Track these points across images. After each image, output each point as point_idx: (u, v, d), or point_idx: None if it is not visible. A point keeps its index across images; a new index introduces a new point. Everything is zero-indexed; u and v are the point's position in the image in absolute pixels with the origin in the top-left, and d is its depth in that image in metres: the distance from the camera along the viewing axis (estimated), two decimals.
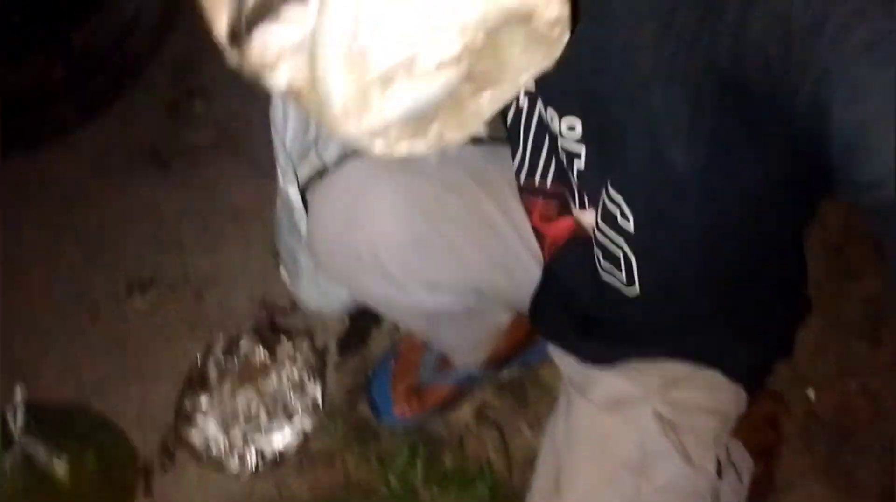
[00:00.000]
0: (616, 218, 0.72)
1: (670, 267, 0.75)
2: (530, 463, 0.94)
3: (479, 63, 0.34)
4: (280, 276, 1.34)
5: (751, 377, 0.87)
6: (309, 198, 0.93)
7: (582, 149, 0.71)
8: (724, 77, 0.55)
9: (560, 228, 0.86)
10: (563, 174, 0.79)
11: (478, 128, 0.39)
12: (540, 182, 0.83)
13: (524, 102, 0.77)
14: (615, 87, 0.62)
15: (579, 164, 0.73)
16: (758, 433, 1.09)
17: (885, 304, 1.28)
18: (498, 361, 1.20)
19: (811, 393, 1.24)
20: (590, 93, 0.65)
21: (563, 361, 0.93)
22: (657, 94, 0.59)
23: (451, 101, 0.35)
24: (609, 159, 0.70)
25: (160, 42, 1.65)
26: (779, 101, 0.52)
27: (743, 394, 0.86)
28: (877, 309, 1.30)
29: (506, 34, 0.35)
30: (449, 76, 0.32)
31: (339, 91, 0.30)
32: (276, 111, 1.14)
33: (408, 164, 0.88)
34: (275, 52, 0.30)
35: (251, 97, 1.10)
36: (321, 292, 1.23)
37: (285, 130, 1.15)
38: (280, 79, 0.31)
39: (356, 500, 1.17)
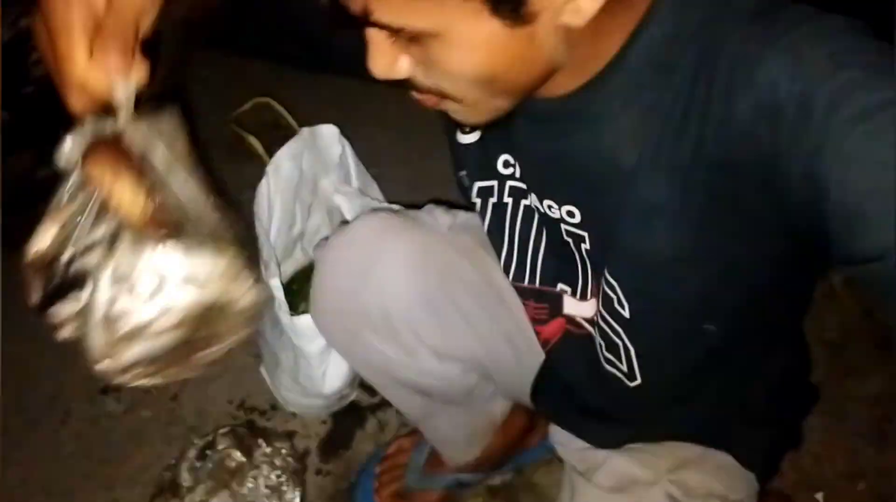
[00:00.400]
0: (613, 305, 0.71)
1: (669, 355, 0.73)
2: None
3: (197, 331, 0.50)
4: (260, 376, 1.29)
5: (761, 464, 0.84)
6: (316, 257, 0.89)
7: (585, 234, 0.71)
8: (713, 162, 0.55)
9: (553, 329, 0.85)
10: (553, 270, 0.79)
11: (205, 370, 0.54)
12: (529, 283, 0.82)
13: (508, 199, 0.78)
14: (602, 179, 0.64)
15: (586, 246, 0.72)
16: None
17: (890, 403, 1.25)
18: (490, 462, 1.14)
19: (820, 498, 1.18)
20: (581, 185, 0.67)
21: (565, 446, 0.90)
22: (642, 184, 0.60)
23: (184, 351, 0.51)
24: (604, 245, 0.70)
25: None
26: (771, 179, 0.52)
27: (754, 483, 0.83)
28: (883, 409, 1.25)
29: (214, 314, 0.50)
30: (173, 337, 0.49)
31: (96, 343, 0.49)
32: (261, 206, 1.13)
33: (421, 223, 0.86)
34: (62, 319, 0.50)
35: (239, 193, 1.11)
36: (303, 391, 1.18)
37: (269, 224, 1.14)
38: (66, 333, 0.50)
39: None
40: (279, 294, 1.05)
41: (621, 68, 0.58)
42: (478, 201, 0.80)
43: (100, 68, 0.47)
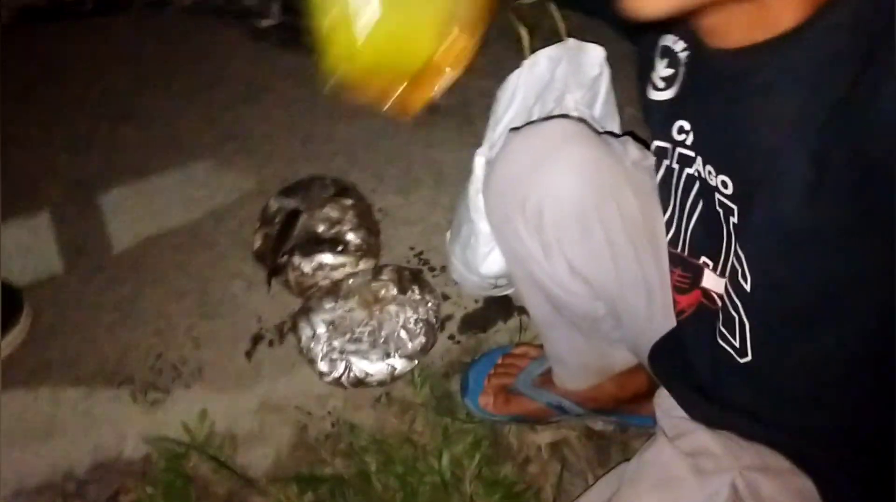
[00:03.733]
0: (737, 277, 0.72)
1: (782, 338, 0.74)
2: None
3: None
4: (443, 238, 1.41)
5: None
6: (505, 138, 0.97)
7: (735, 207, 0.72)
8: (855, 150, 0.57)
9: (690, 300, 0.87)
10: (699, 242, 0.81)
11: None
12: (680, 250, 0.84)
13: (675, 165, 0.80)
14: (758, 150, 0.66)
15: (734, 220, 0.74)
16: None
17: None
18: (596, 403, 1.18)
19: None
20: (739, 154, 0.69)
21: (665, 411, 0.92)
22: (789, 159, 0.62)
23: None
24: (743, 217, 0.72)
25: None
26: None
27: None
28: None
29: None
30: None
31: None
32: (506, 93, 1.21)
33: (608, 146, 0.90)
34: None
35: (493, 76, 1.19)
36: (466, 265, 1.28)
37: (505, 112, 1.22)
38: None
39: (403, 457, 1.21)
40: (478, 171, 1.14)
41: (800, 44, 0.59)
42: (653, 159, 0.83)
43: None
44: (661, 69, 0.82)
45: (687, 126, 0.78)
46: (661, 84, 0.81)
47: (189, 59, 1.82)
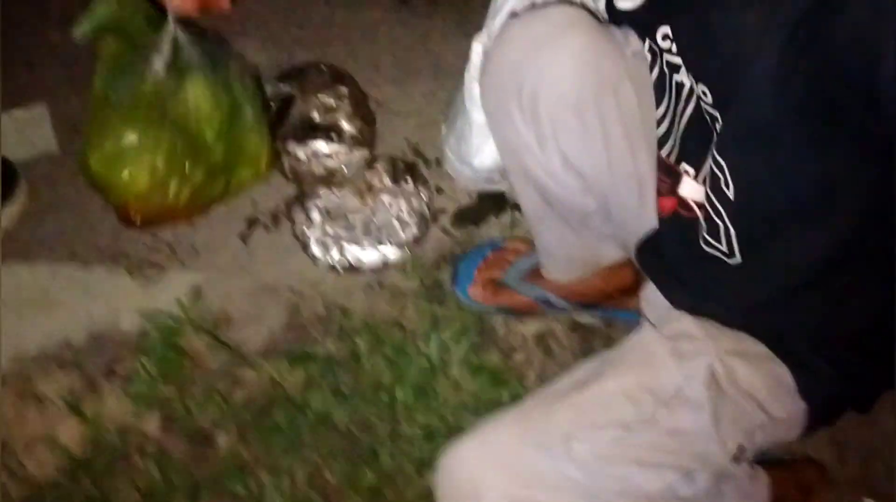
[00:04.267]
0: (720, 184, 0.74)
1: (767, 241, 0.76)
2: None
3: None
4: (439, 131, 1.41)
5: (818, 401, 0.84)
6: (503, 24, 0.96)
7: (718, 114, 0.74)
8: (820, 64, 0.60)
9: (665, 205, 0.88)
10: (683, 149, 0.83)
11: None
12: (666, 154, 0.85)
13: (666, 68, 0.81)
14: (727, 60, 0.69)
15: (718, 126, 0.75)
16: (788, 492, 1.07)
17: None
18: (583, 297, 1.21)
19: None
20: (714, 64, 0.71)
21: (650, 302, 0.94)
22: (761, 59, 0.64)
23: None
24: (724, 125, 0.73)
25: None
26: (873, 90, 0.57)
27: (800, 417, 0.85)
28: None
29: None
30: None
31: None
32: None
33: (610, 35, 0.89)
34: None
35: None
36: (459, 156, 1.29)
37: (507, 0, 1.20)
38: None
39: (393, 341, 1.24)
40: (476, 58, 1.13)
41: None
42: (649, 56, 0.83)
43: None
44: None
45: (670, 32, 0.78)
46: None
47: None
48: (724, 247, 0.78)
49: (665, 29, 0.78)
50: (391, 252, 1.29)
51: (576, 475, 0.77)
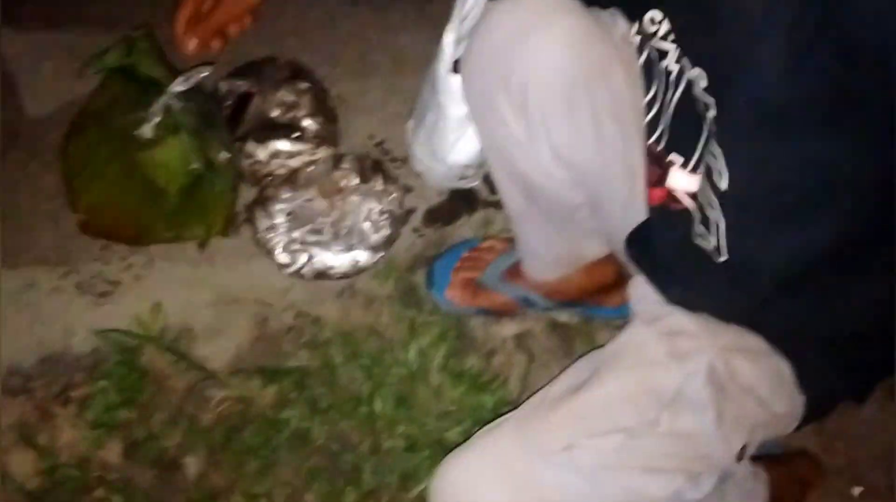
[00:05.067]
0: (713, 176, 0.71)
1: (759, 234, 0.73)
2: None
3: None
4: (404, 127, 1.35)
5: (817, 392, 0.82)
6: (484, 10, 0.92)
7: (712, 101, 0.71)
8: (835, 40, 0.57)
9: (654, 196, 0.86)
10: (672, 138, 0.81)
11: None
12: (655, 142, 0.83)
13: (654, 54, 0.79)
14: (728, 42, 0.65)
15: (711, 113, 0.72)
16: (786, 487, 1.06)
17: None
18: (563, 295, 1.18)
19: (856, 491, 1.17)
20: (713, 43, 0.68)
21: (640, 298, 0.90)
22: (766, 43, 0.61)
23: None
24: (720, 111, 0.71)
25: None
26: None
27: (799, 409, 0.83)
28: None
29: None
30: None
31: None
32: None
33: (597, 18, 0.86)
34: None
35: None
36: (432, 152, 1.23)
37: None
38: None
39: (369, 350, 1.19)
40: (448, 49, 1.08)
41: None
42: (638, 38, 0.81)
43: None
44: None
45: (658, 16, 0.75)
46: None
47: None
48: (713, 242, 0.75)
49: (653, 13, 0.76)
50: (363, 256, 1.23)
51: (580, 485, 0.75)
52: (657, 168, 0.84)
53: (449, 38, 1.11)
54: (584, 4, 0.86)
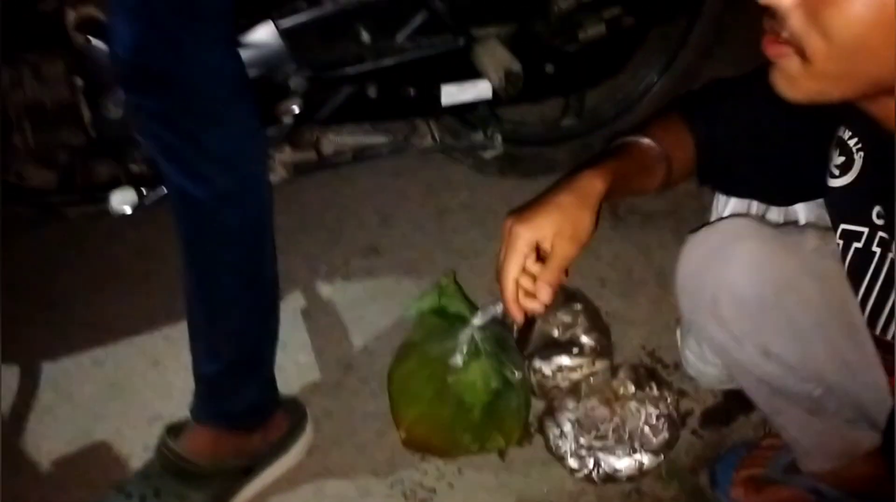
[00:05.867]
0: None
1: None
2: None
3: None
4: (674, 336, 1.47)
5: None
6: (687, 237, 1.09)
7: None
8: None
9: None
10: None
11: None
12: (880, 332, 0.88)
13: (876, 248, 0.86)
14: None
15: None
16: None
17: None
18: (856, 485, 1.15)
19: None
20: None
21: None
22: None
23: None
24: None
25: None
26: None
27: None
28: None
29: None
30: None
31: None
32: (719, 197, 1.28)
33: (784, 238, 0.98)
34: None
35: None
36: (703, 356, 1.33)
37: (724, 208, 1.29)
38: None
39: None
40: None
41: None
42: (840, 241, 0.89)
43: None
44: (836, 158, 0.90)
45: (884, 211, 0.83)
46: (836, 171, 0.88)
47: (420, 192, 2.04)
48: None
49: (879, 207, 0.83)
50: (646, 458, 1.33)
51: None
52: (888, 353, 0.89)
53: None
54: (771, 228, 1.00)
